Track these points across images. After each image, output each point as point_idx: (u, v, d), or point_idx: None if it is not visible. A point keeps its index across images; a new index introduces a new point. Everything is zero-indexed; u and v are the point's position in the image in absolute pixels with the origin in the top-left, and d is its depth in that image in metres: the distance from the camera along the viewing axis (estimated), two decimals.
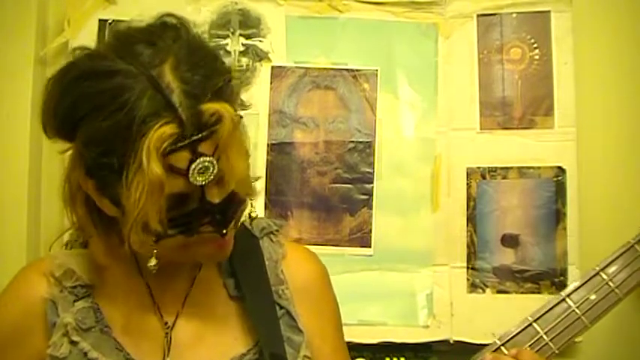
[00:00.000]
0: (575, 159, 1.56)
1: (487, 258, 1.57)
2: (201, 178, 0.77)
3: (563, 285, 1.54)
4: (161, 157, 0.74)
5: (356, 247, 1.56)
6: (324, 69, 1.59)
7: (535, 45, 1.59)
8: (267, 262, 0.97)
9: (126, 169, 0.75)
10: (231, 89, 0.82)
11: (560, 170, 1.57)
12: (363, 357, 1.54)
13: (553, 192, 1.57)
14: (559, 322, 0.91)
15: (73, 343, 0.87)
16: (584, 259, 1.55)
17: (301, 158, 1.58)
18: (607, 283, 0.93)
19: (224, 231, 0.81)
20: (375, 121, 1.59)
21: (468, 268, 1.56)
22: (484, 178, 1.58)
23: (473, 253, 1.57)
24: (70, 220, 0.91)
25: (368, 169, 1.58)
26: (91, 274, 0.91)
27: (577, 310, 0.92)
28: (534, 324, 0.91)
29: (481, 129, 1.59)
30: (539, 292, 1.55)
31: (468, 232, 1.57)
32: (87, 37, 1.59)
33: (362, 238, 1.57)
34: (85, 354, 0.86)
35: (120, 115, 0.75)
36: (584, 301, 0.92)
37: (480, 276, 1.56)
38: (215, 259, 0.90)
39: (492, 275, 1.56)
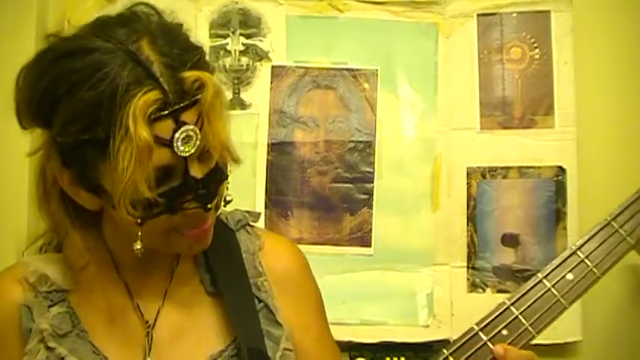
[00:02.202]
0: (575, 158, 1.56)
1: (487, 257, 1.57)
2: (185, 148, 0.77)
3: None
4: (147, 122, 0.74)
5: (356, 246, 1.56)
6: (325, 68, 1.59)
7: (535, 44, 1.59)
8: (244, 255, 0.96)
9: (112, 138, 0.74)
10: (208, 64, 0.82)
11: (561, 170, 1.57)
12: (363, 357, 1.54)
13: (553, 192, 1.57)
14: (537, 304, 0.88)
15: (49, 349, 0.85)
16: None
17: (301, 158, 1.58)
18: (584, 262, 0.90)
19: (208, 206, 0.81)
20: (376, 120, 1.59)
21: (468, 267, 1.56)
22: (484, 177, 1.58)
23: (473, 252, 1.57)
24: (44, 219, 0.89)
25: (368, 169, 1.58)
26: (65, 279, 0.90)
27: (555, 291, 0.88)
28: (512, 307, 0.87)
29: (481, 129, 1.59)
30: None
31: (468, 231, 1.57)
32: None
33: (362, 238, 1.56)
34: (62, 359, 0.85)
35: (102, 85, 0.74)
36: (561, 281, 0.89)
37: (480, 275, 1.56)
38: (196, 248, 0.88)
39: (492, 275, 1.56)
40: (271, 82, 1.59)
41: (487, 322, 0.88)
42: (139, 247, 0.82)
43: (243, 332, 0.89)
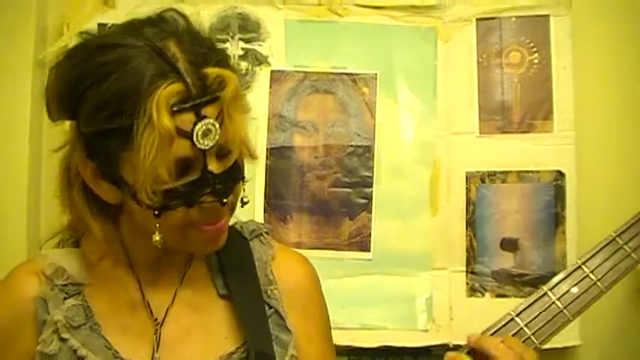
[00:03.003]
0: (574, 163, 1.57)
1: (486, 262, 1.57)
2: (204, 141, 0.80)
3: None
4: (170, 112, 0.77)
5: (355, 251, 1.56)
6: (324, 73, 1.59)
7: (534, 49, 1.60)
8: (257, 263, 0.98)
9: (135, 126, 0.77)
10: (230, 65, 0.86)
11: (560, 174, 1.57)
12: None
13: (552, 196, 1.57)
14: (541, 316, 0.90)
15: (62, 340, 0.88)
16: None
17: (300, 162, 1.58)
18: (589, 276, 0.92)
19: (224, 200, 0.83)
20: (375, 125, 1.59)
21: (467, 272, 1.56)
22: (483, 182, 1.58)
23: (472, 257, 1.57)
24: (65, 211, 0.92)
25: (367, 173, 1.58)
26: (81, 272, 0.92)
27: (559, 304, 0.91)
28: (516, 318, 0.90)
29: (480, 133, 1.59)
30: None
31: (467, 236, 1.57)
32: None
33: (361, 242, 1.56)
34: (75, 351, 0.88)
35: (128, 76, 0.78)
36: (566, 295, 0.91)
37: (480, 280, 1.56)
38: (211, 246, 0.90)
39: (492, 279, 1.56)
40: (270, 87, 1.59)
41: (492, 332, 0.90)
42: (157, 238, 0.84)
43: (252, 336, 0.91)
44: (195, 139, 0.79)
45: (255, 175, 1.56)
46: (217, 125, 0.80)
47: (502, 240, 1.57)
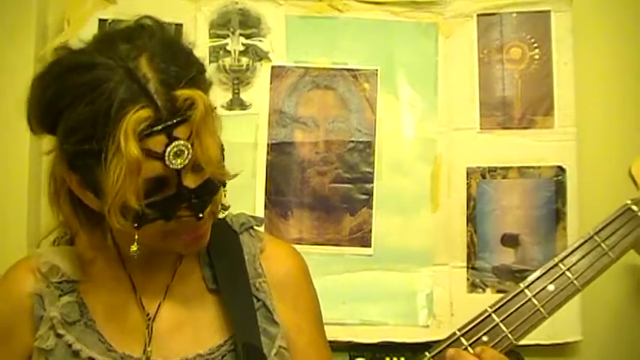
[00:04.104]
0: (575, 159, 1.57)
1: (487, 258, 1.57)
2: (177, 162, 0.81)
3: None
4: (138, 139, 0.78)
5: (356, 246, 1.56)
6: (324, 69, 1.59)
7: (535, 45, 1.59)
8: (246, 257, 1.00)
9: (105, 152, 0.79)
10: (204, 81, 0.87)
11: (560, 170, 1.57)
12: (363, 357, 1.54)
13: (553, 192, 1.57)
14: (517, 313, 0.90)
15: (58, 336, 0.91)
16: None
17: (301, 158, 1.58)
18: (565, 274, 0.92)
19: (200, 215, 0.85)
20: (375, 120, 1.59)
21: (468, 267, 1.56)
22: (484, 177, 1.58)
23: (473, 252, 1.57)
24: (55, 217, 0.95)
25: (368, 169, 1.58)
26: (76, 270, 0.95)
27: (535, 301, 0.91)
28: (493, 315, 0.90)
29: (481, 129, 1.59)
30: None
31: (468, 231, 1.57)
32: (87, 37, 1.57)
33: (362, 238, 1.57)
34: (70, 346, 0.90)
35: (99, 101, 0.79)
36: (542, 292, 0.91)
37: (480, 276, 1.56)
38: (192, 248, 0.92)
39: (492, 275, 1.56)
40: (271, 83, 1.59)
41: (469, 327, 0.90)
42: (134, 249, 0.86)
43: (240, 328, 0.93)
44: (167, 160, 0.80)
45: (256, 171, 1.56)
46: (189, 145, 0.81)
47: (503, 236, 1.57)
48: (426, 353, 0.91)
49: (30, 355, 0.92)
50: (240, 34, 1.59)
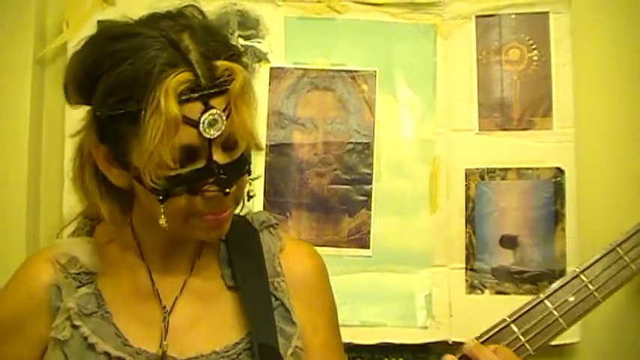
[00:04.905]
0: (573, 160, 1.57)
1: (486, 259, 1.57)
2: (210, 131, 0.82)
3: None
4: (177, 100, 0.80)
5: (355, 248, 1.56)
6: (323, 70, 1.59)
7: (534, 46, 1.59)
8: (265, 255, 1.00)
9: (143, 110, 0.80)
10: (242, 61, 0.88)
11: (559, 171, 1.57)
12: (361, 358, 1.55)
13: (552, 193, 1.57)
14: (536, 323, 0.90)
15: (74, 327, 0.90)
16: (582, 260, 1.53)
17: (300, 159, 1.58)
18: (586, 286, 0.92)
19: (227, 190, 0.85)
20: (374, 122, 1.59)
21: (466, 269, 1.56)
22: (483, 179, 1.58)
23: (472, 254, 1.57)
24: (77, 193, 0.94)
25: (367, 170, 1.58)
26: (94, 261, 0.95)
27: (555, 312, 0.91)
28: (512, 325, 0.90)
29: (480, 130, 1.59)
30: (537, 293, 1.54)
31: (466, 233, 1.57)
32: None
33: (361, 239, 1.57)
34: (85, 338, 0.90)
35: (140, 63, 0.81)
36: (562, 303, 0.91)
37: (479, 277, 1.56)
38: (213, 235, 0.92)
39: (491, 276, 1.56)
40: (270, 84, 1.59)
41: (487, 336, 0.90)
42: (162, 222, 0.86)
43: (257, 327, 0.93)
44: (201, 127, 0.81)
45: (255, 172, 1.55)
46: (224, 116, 0.82)
47: (501, 237, 1.57)
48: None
49: (45, 346, 0.92)
50: (239, 36, 1.59)
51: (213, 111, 0.82)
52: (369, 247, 1.56)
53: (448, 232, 1.57)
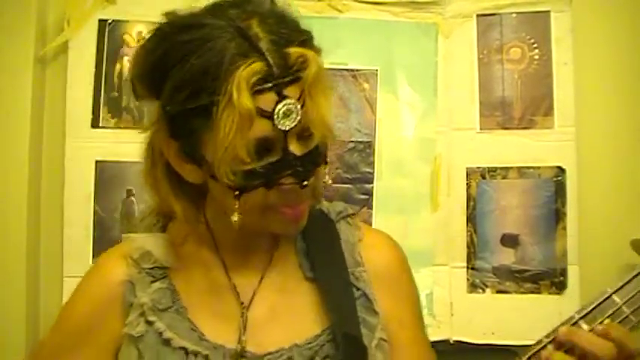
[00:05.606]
0: (574, 159, 1.57)
1: (487, 258, 1.57)
2: (285, 122, 0.78)
3: (563, 285, 1.54)
4: (250, 92, 0.76)
5: None
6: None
7: (535, 45, 1.59)
8: (343, 245, 0.96)
9: (215, 105, 0.77)
10: (314, 46, 0.84)
11: (560, 170, 1.57)
12: None
13: (553, 192, 1.57)
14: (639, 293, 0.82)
15: (148, 322, 0.88)
16: (583, 258, 1.55)
17: None
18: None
19: (304, 182, 0.82)
20: (375, 120, 1.59)
21: (467, 267, 1.56)
22: (484, 177, 1.58)
23: (473, 253, 1.57)
24: (149, 191, 0.91)
25: (368, 169, 1.58)
26: (168, 256, 0.92)
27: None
28: (614, 296, 0.82)
29: (481, 129, 1.59)
30: (538, 292, 1.55)
31: (467, 232, 1.57)
32: (87, 36, 1.59)
33: None
34: (160, 334, 0.88)
35: (209, 55, 0.78)
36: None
37: (480, 276, 1.56)
38: (290, 228, 0.88)
39: (492, 275, 1.56)
40: None
41: (588, 310, 0.82)
42: (235, 219, 0.83)
43: (339, 318, 0.89)
44: (275, 119, 0.78)
45: None
46: (299, 106, 0.79)
47: (502, 236, 1.57)
48: (543, 339, 0.83)
49: (120, 343, 0.89)
50: None
51: (288, 101, 0.78)
52: None
53: (449, 230, 1.57)
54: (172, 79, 0.80)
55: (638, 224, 1.54)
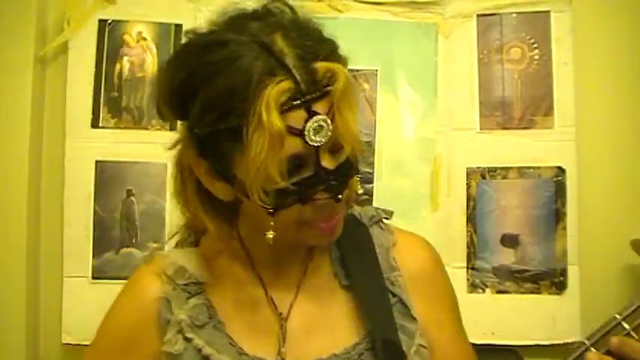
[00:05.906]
0: (574, 159, 1.57)
1: (487, 258, 1.57)
2: (316, 138, 0.77)
3: (563, 285, 1.54)
4: (279, 111, 0.75)
5: None
6: None
7: (535, 45, 1.59)
8: (377, 250, 0.95)
9: (245, 126, 0.75)
10: (340, 56, 0.83)
11: (560, 170, 1.57)
12: None
13: (553, 192, 1.57)
14: None
15: (187, 339, 0.87)
16: (583, 258, 1.55)
17: None
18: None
19: (339, 196, 0.81)
20: (375, 120, 1.59)
21: (467, 268, 1.56)
22: (484, 178, 1.58)
23: (473, 253, 1.57)
24: (180, 209, 0.90)
25: (368, 169, 1.58)
26: (202, 271, 0.91)
27: None
28: (623, 322, 0.81)
29: (481, 129, 1.59)
30: (538, 292, 1.55)
31: (467, 232, 1.57)
32: (87, 37, 1.59)
33: None
34: (200, 350, 0.87)
35: (236, 76, 0.76)
36: None
37: (480, 276, 1.56)
38: (325, 240, 0.87)
39: (492, 275, 1.56)
40: None
41: (631, 310, 0.81)
42: (270, 236, 0.82)
43: (377, 325, 0.89)
44: (306, 136, 0.77)
45: None
46: (329, 121, 0.77)
47: (502, 236, 1.57)
48: (585, 341, 0.82)
49: None
50: None
51: (318, 117, 0.76)
52: None
53: (449, 230, 1.57)
54: (199, 101, 0.79)
55: (638, 224, 1.54)
